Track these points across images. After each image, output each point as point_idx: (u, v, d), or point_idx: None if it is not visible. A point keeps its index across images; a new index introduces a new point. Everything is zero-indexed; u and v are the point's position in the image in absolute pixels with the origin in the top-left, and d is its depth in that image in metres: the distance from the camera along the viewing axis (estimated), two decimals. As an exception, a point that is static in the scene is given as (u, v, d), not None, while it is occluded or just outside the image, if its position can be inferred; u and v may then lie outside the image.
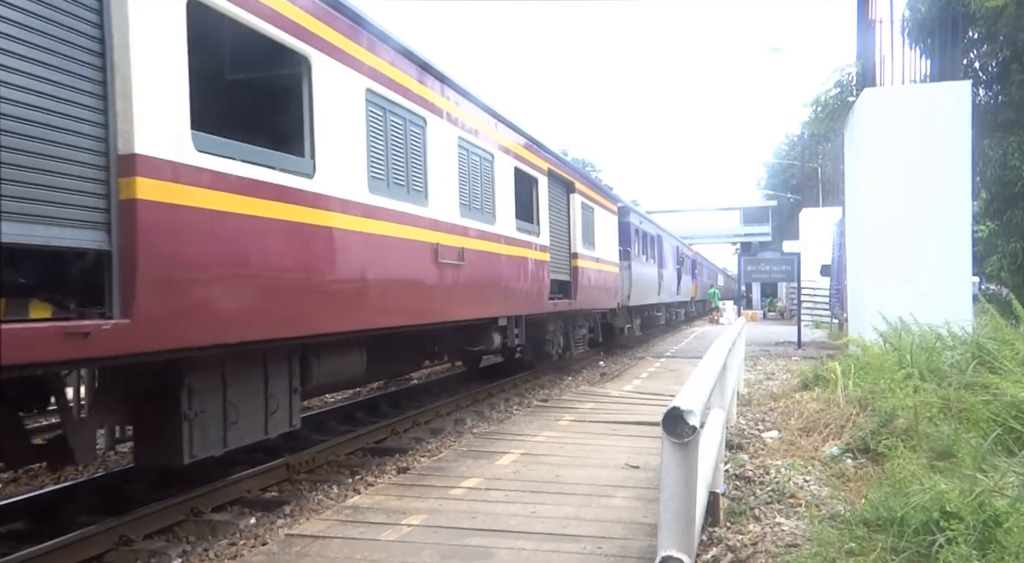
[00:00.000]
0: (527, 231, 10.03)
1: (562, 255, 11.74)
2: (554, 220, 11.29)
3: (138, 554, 4.46)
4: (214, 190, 4.27)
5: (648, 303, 20.64)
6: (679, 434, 2.68)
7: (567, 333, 12.73)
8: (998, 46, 12.87)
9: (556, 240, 11.34)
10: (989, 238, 13.36)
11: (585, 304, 12.93)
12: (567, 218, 12.18)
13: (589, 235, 13.48)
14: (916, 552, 3.40)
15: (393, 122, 6.47)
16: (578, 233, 12.51)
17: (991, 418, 5.12)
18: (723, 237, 61.33)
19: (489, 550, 4.01)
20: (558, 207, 11.63)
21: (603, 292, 14.30)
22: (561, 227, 11.79)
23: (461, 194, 7.86)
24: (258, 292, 4.67)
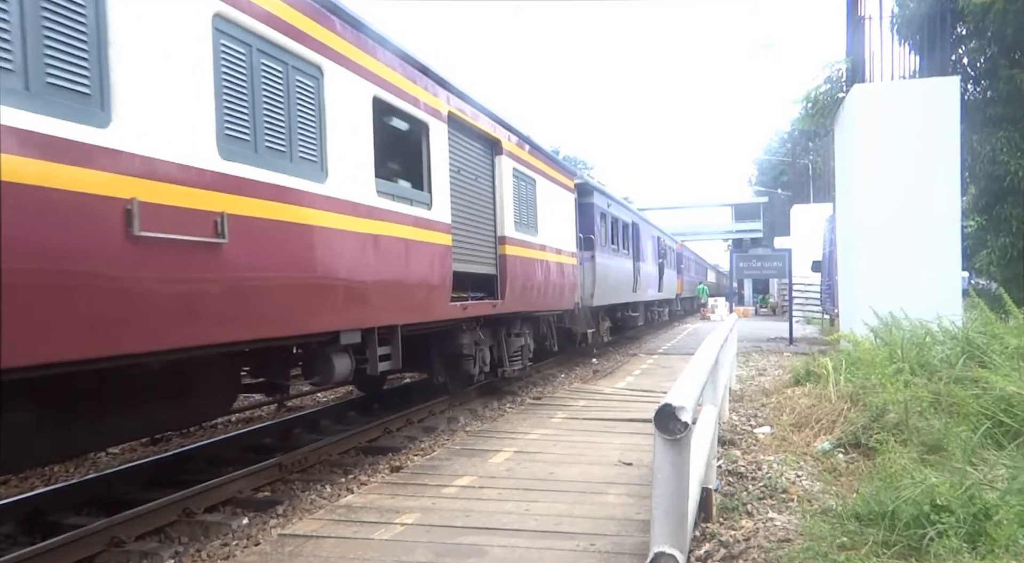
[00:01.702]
0: (405, 199, 6.84)
1: (480, 239, 8.73)
2: (463, 189, 8.25)
3: (130, 555, 4.45)
4: None
5: (620, 302, 17.46)
6: (671, 431, 2.69)
7: (500, 344, 9.87)
8: (986, 42, 12.92)
9: (468, 217, 8.35)
10: (978, 233, 13.43)
11: (521, 305, 9.89)
12: (491, 189, 9.13)
13: (528, 215, 10.32)
14: (907, 545, 3.42)
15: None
16: (508, 211, 9.34)
17: (981, 412, 5.16)
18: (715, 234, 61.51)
19: (483, 548, 4.02)
20: (472, 172, 8.57)
21: (551, 289, 11.27)
22: (478, 200, 8.70)
23: (222, 118, 4.53)
24: None
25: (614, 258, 16.39)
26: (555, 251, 11.57)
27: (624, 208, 18.55)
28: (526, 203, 10.30)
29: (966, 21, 12.47)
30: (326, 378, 6.08)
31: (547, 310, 11.64)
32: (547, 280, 11.08)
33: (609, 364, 14.67)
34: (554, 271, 11.47)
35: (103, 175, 3.66)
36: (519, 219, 9.89)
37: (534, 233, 10.54)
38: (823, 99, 13.79)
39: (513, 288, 9.42)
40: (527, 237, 10.18)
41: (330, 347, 5.95)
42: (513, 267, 9.44)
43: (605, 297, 15.13)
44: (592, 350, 15.91)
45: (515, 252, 9.61)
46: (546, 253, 11.08)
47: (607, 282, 15.21)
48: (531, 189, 10.59)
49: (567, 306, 12.44)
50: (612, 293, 15.96)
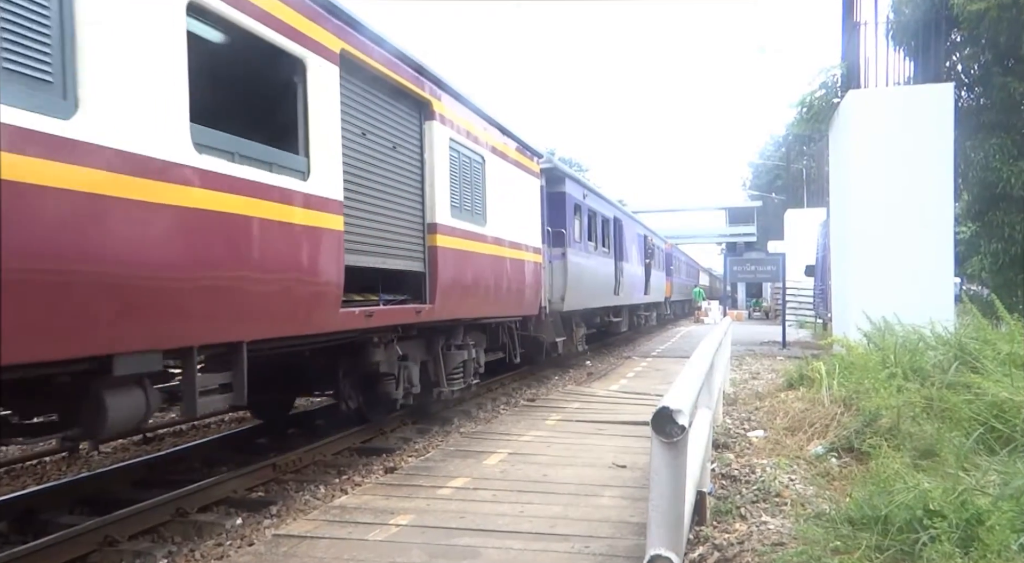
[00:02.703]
0: (259, 163, 4.97)
1: (398, 226, 6.84)
2: (368, 159, 6.37)
3: (123, 554, 4.43)
4: None
5: (598, 306, 15.58)
6: (668, 433, 2.70)
7: (436, 359, 8.16)
8: (980, 49, 13.00)
9: (376, 196, 6.48)
10: (971, 239, 13.50)
11: (462, 310, 8.16)
12: (416, 163, 7.19)
13: (473, 200, 8.49)
14: (900, 550, 3.44)
15: None
16: (442, 192, 7.50)
17: (973, 417, 5.18)
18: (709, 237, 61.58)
19: (477, 550, 4.02)
20: (385, 138, 6.64)
21: (508, 291, 9.54)
22: (395, 176, 6.81)
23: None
24: None
25: (591, 257, 14.61)
26: (512, 246, 9.77)
27: (604, 201, 16.73)
28: (470, 185, 8.39)
29: (960, 28, 12.55)
30: (93, 429, 4.11)
31: (502, 316, 9.75)
32: (501, 280, 9.29)
33: (603, 367, 14.69)
34: (511, 269, 9.68)
35: None
36: (459, 203, 8.00)
37: (481, 222, 8.68)
38: (818, 104, 13.85)
39: (449, 289, 7.56)
40: (471, 226, 8.32)
41: (101, 381, 3.94)
42: (448, 263, 7.58)
43: (579, 300, 13.40)
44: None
45: (452, 244, 7.67)
46: (500, 248, 9.25)
47: (582, 283, 13.45)
48: (479, 168, 8.67)
49: (529, 311, 10.62)
50: (588, 296, 14.19)
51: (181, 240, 4.22)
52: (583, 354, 15.66)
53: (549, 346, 12.16)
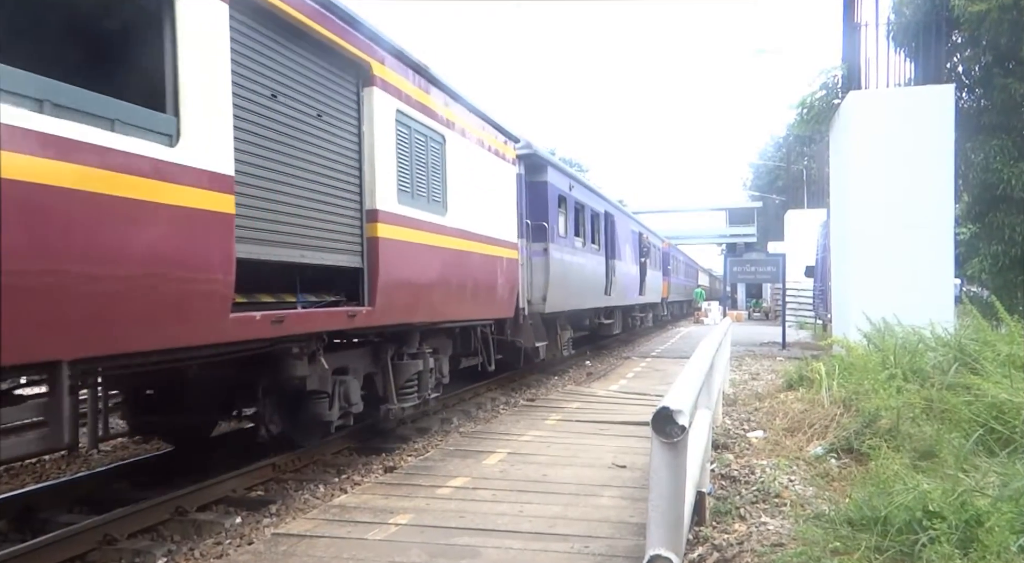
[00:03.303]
0: (90, 117, 3.67)
1: (323, 211, 5.65)
2: (276, 125, 5.14)
3: (122, 553, 4.43)
4: None
5: (587, 307, 14.51)
6: (668, 434, 2.70)
7: (385, 371, 7.04)
8: (981, 50, 12.99)
9: (290, 174, 5.25)
10: (971, 240, 13.49)
11: (412, 313, 7.04)
12: (355, 136, 6.09)
13: (431, 185, 7.34)
14: (899, 551, 3.44)
15: None
16: (386, 173, 6.36)
17: (972, 419, 5.18)
18: (709, 238, 61.58)
19: (476, 549, 4.02)
20: (303, 101, 5.44)
21: (476, 291, 8.51)
22: (318, 149, 5.61)
23: None
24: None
25: (578, 253, 13.42)
26: (482, 239, 8.62)
27: (594, 194, 15.66)
28: (425, 167, 7.23)
29: (961, 29, 12.55)
30: None
31: (468, 319, 8.66)
32: (467, 278, 8.19)
33: (602, 367, 14.69)
34: (480, 266, 8.55)
35: None
36: (409, 188, 6.86)
37: (440, 211, 7.53)
38: (819, 105, 13.84)
39: (394, 289, 6.44)
40: (427, 216, 7.17)
41: None
42: (394, 258, 6.45)
43: (564, 301, 12.27)
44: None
45: (399, 235, 6.55)
46: (465, 241, 8.11)
47: (567, 282, 12.42)
48: (437, 149, 7.52)
49: (503, 313, 9.60)
50: (575, 296, 13.09)
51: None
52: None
53: (530, 351, 11.08)
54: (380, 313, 6.27)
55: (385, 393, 7.07)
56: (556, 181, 12.15)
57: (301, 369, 5.70)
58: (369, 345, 7.03)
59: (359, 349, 6.88)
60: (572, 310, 13.27)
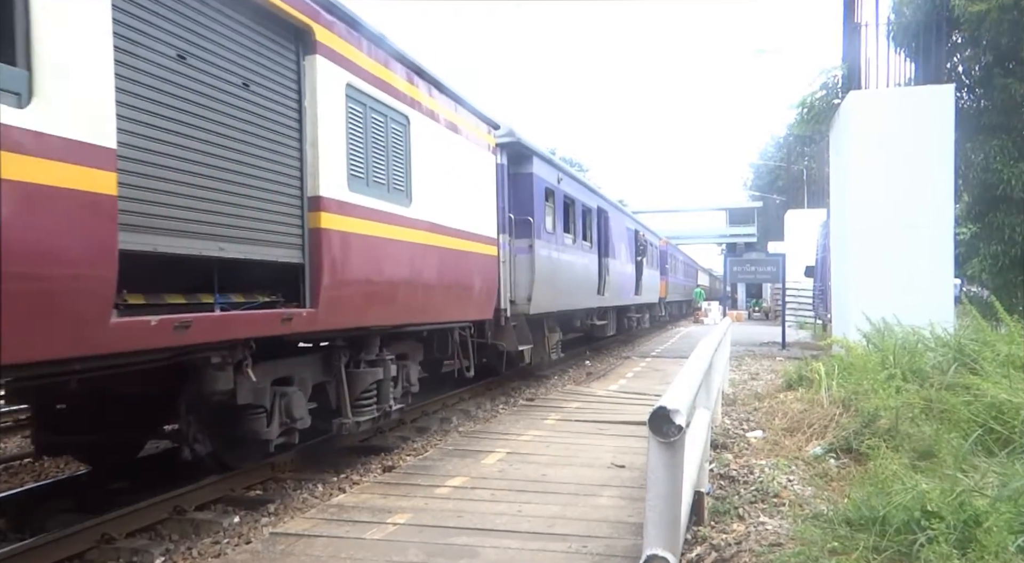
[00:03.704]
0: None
1: (250, 196, 4.89)
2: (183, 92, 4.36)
3: (120, 552, 4.43)
4: None
5: (578, 308, 13.88)
6: (665, 433, 2.69)
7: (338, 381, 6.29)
8: (981, 50, 12.98)
9: (203, 151, 4.50)
10: (971, 240, 13.48)
11: (367, 316, 6.27)
12: (295, 111, 5.35)
13: (391, 171, 6.62)
14: (898, 551, 3.43)
15: None
16: (333, 156, 5.64)
17: (972, 419, 5.18)
18: (709, 237, 61.63)
19: (475, 549, 4.02)
20: (223, 66, 4.68)
21: (449, 291, 7.84)
22: (243, 124, 4.84)
23: None
24: None
25: (567, 250, 12.63)
26: (454, 234, 7.88)
27: (586, 189, 14.87)
28: (385, 151, 6.48)
29: (961, 29, 12.54)
30: None
31: (440, 322, 7.96)
32: (436, 276, 7.45)
33: (602, 366, 14.68)
34: (452, 263, 7.83)
35: None
36: (364, 174, 6.11)
37: (403, 201, 6.80)
38: (819, 105, 13.83)
39: (344, 288, 5.75)
40: (386, 205, 6.43)
41: None
42: (344, 252, 5.74)
43: (552, 301, 11.55)
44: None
45: (350, 227, 5.82)
46: (433, 235, 7.37)
47: (555, 281, 11.71)
48: (400, 132, 6.75)
49: (480, 314, 8.91)
50: (564, 296, 12.41)
51: None
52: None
53: (515, 355, 10.40)
54: (325, 316, 5.47)
55: (339, 405, 6.32)
56: (542, 173, 11.38)
57: (224, 382, 4.87)
58: (319, 352, 6.26)
59: (306, 357, 6.09)
60: (561, 311, 12.61)
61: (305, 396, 5.85)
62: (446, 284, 7.77)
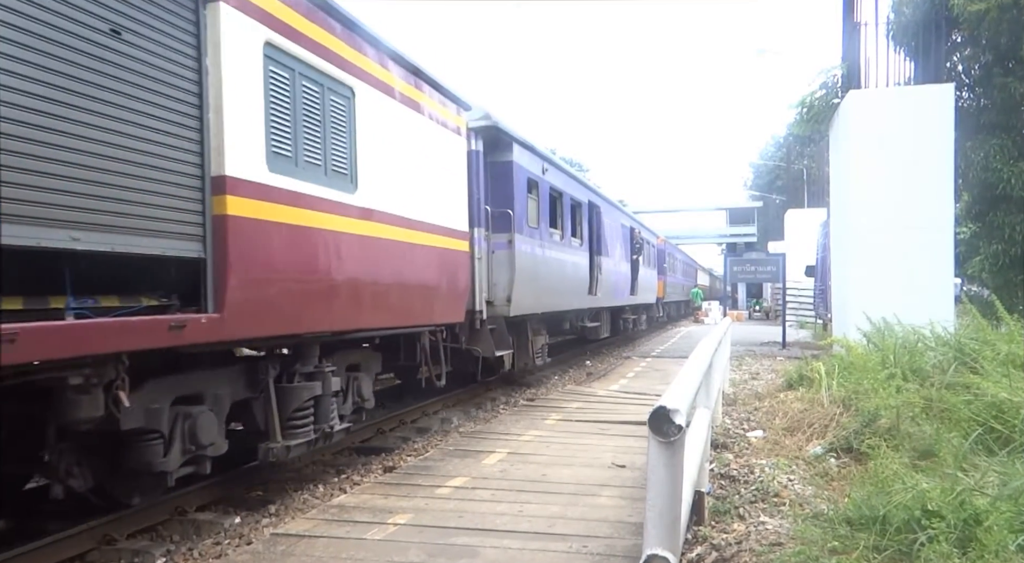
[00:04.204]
0: None
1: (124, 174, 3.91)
2: (17, 35, 3.36)
3: (121, 553, 4.43)
4: None
5: (566, 309, 13.01)
6: (665, 433, 2.69)
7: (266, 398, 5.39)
8: (981, 50, 12.99)
9: (51, 113, 3.53)
10: (971, 240, 13.49)
11: (293, 323, 5.28)
12: (195, 71, 4.42)
13: (329, 151, 5.66)
14: (898, 550, 3.44)
15: None
16: (246, 127, 4.75)
17: (972, 418, 5.18)
18: (709, 237, 61.65)
19: (475, 549, 4.02)
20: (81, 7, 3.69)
21: (401, 292, 6.80)
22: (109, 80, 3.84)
23: None
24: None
25: (553, 247, 11.76)
26: (412, 226, 6.93)
27: (575, 182, 13.81)
28: (321, 127, 5.54)
29: (961, 29, 12.54)
30: None
31: (397, 327, 6.95)
32: (390, 274, 6.54)
33: (603, 366, 14.68)
34: (410, 260, 6.91)
35: None
36: (290, 151, 5.18)
37: (346, 186, 5.85)
38: (818, 104, 13.83)
39: (261, 288, 4.82)
40: (320, 190, 5.48)
41: None
42: (261, 244, 4.80)
43: (535, 302, 10.71)
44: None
45: (269, 214, 4.87)
46: (386, 228, 6.44)
47: (539, 280, 10.85)
48: (341, 105, 5.79)
49: (449, 317, 7.99)
50: (550, 296, 11.54)
51: None
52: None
53: (494, 361, 9.52)
54: (234, 322, 4.51)
55: (266, 426, 5.38)
56: (524, 162, 10.42)
57: (90, 407, 3.89)
58: (241, 363, 5.34)
59: (223, 370, 5.12)
60: (547, 312, 11.69)
61: (219, 417, 4.91)
62: (403, 284, 6.83)
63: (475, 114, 8.97)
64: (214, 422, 4.85)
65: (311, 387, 5.68)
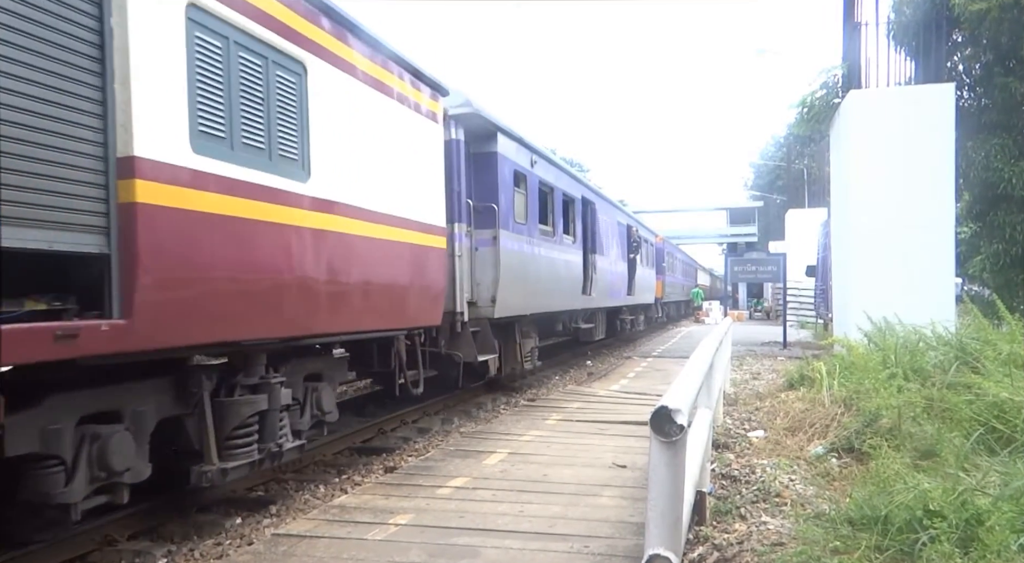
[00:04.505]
0: None
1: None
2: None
3: (122, 554, 4.43)
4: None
5: (558, 309, 12.30)
6: (667, 433, 2.70)
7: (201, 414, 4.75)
8: (981, 49, 12.98)
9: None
10: (972, 239, 13.49)
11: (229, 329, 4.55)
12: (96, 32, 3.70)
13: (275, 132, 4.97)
14: (900, 550, 3.43)
15: None
16: (169, 101, 4.06)
17: (973, 418, 5.18)
18: (709, 237, 61.64)
19: (476, 549, 4.02)
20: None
21: (364, 292, 6.07)
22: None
23: None
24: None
25: (543, 244, 11.12)
26: (378, 219, 6.20)
27: (568, 176, 13.09)
28: (263, 104, 4.83)
29: (962, 28, 12.54)
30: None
31: (359, 332, 6.18)
32: (351, 273, 5.80)
33: (603, 367, 14.68)
34: (376, 257, 6.22)
35: None
36: (224, 129, 4.51)
37: (296, 173, 5.12)
38: (819, 104, 13.84)
39: (181, 289, 4.14)
40: (264, 177, 4.78)
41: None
42: (183, 239, 4.15)
43: (523, 302, 10.15)
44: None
45: (194, 203, 4.22)
46: (346, 221, 5.71)
47: (527, 279, 10.27)
48: (290, 81, 5.11)
49: (423, 320, 7.29)
50: (539, 296, 10.90)
51: None
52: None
53: (478, 366, 9.01)
54: (146, 329, 3.85)
55: (201, 447, 4.73)
56: (510, 153, 9.78)
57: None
58: (170, 374, 4.60)
59: (146, 383, 4.40)
60: (537, 313, 11.06)
61: (140, 438, 4.24)
62: (368, 283, 6.12)
63: (455, 100, 8.29)
64: (131, 444, 4.15)
65: (254, 401, 5.00)
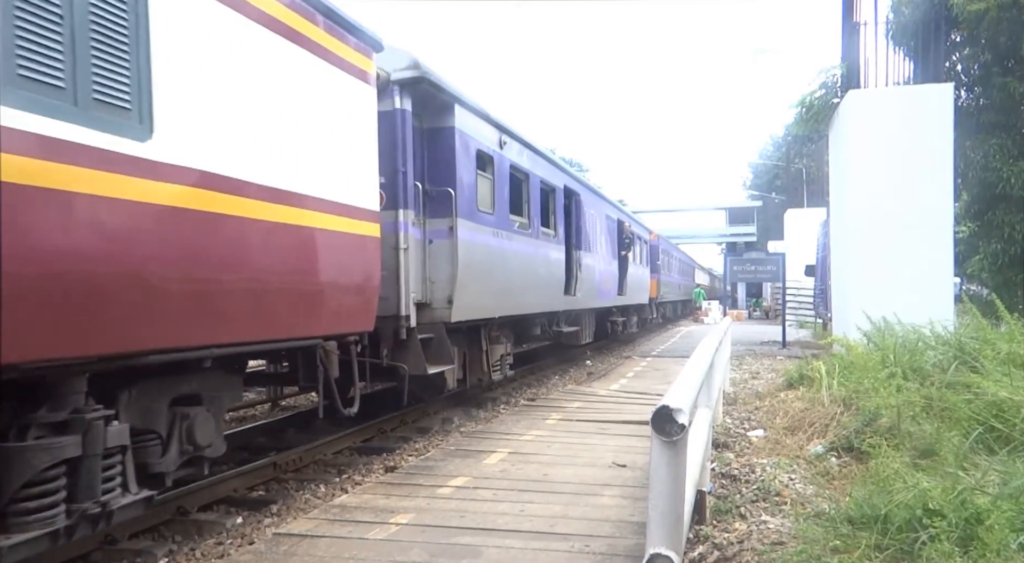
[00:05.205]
0: None
1: None
2: None
3: (124, 554, 4.44)
4: None
5: (535, 312, 10.81)
6: (668, 433, 2.71)
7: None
8: (980, 49, 13.01)
9: None
10: (970, 239, 13.52)
11: (26, 348, 3.09)
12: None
13: (97, 66, 3.46)
14: (900, 549, 3.45)
15: None
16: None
17: (972, 417, 5.20)
18: (709, 237, 61.65)
19: (477, 549, 4.03)
20: None
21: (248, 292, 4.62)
22: None
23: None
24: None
25: (515, 238, 9.65)
26: (271, 198, 4.78)
27: (547, 161, 11.55)
28: (54, 18, 3.30)
29: (960, 28, 12.57)
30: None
31: (242, 343, 4.64)
32: (228, 266, 4.44)
33: (603, 366, 14.69)
34: (271, 245, 4.82)
35: None
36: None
37: (132, 128, 3.74)
38: (818, 104, 13.85)
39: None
40: (57, 127, 3.30)
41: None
42: None
43: (490, 303, 8.80)
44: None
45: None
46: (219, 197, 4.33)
47: (493, 277, 8.88)
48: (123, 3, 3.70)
49: (346, 326, 5.88)
50: (510, 296, 9.49)
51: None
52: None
53: (435, 379, 7.72)
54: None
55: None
56: (473, 130, 8.29)
57: None
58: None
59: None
60: (508, 316, 9.56)
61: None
62: (255, 280, 4.71)
63: (399, 62, 7.04)
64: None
65: (56, 446, 3.51)
